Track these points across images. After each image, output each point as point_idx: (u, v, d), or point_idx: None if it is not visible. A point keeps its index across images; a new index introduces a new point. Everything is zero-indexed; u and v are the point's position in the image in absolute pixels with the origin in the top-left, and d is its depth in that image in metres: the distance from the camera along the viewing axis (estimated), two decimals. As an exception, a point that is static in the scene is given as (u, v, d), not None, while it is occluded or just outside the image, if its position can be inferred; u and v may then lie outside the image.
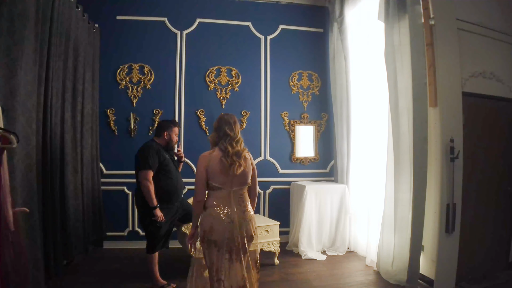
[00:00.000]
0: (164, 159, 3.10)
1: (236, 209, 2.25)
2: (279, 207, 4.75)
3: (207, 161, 2.23)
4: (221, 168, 2.20)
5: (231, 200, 2.24)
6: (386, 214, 3.50)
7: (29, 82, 2.65)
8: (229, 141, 2.23)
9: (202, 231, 2.24)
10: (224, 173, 2.20)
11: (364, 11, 4.19)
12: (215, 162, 2.20)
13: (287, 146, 4.92)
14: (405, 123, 3.33)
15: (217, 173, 2.21)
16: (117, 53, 4.51)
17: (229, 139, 2.23)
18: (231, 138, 2.24)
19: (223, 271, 2.20)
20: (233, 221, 2.22)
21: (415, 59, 3.20)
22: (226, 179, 2.22)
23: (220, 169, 2.20)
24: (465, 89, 3.28)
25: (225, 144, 2.22)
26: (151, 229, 3.09)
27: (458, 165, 3.11)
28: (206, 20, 4.75)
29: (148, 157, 3.00)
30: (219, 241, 2.21)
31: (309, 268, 3.81)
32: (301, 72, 4.99)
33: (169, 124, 3.24)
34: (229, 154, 2.19)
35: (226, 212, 2.22)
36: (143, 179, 3.00)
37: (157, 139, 3.22)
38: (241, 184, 2.28)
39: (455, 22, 3.27)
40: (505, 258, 3.74)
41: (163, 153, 3.13)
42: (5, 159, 2.06)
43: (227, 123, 2.28)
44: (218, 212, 2.21)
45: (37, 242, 2.66)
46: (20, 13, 2.51)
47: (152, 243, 3.12)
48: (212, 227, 2.21)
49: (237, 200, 2.27)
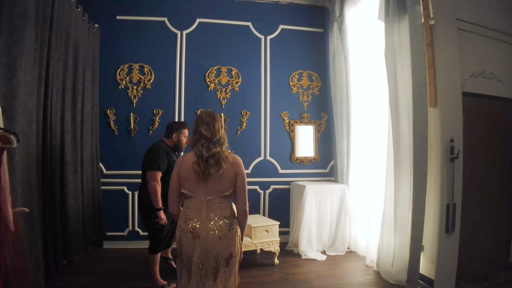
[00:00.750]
0: (173, 161, 3.07)
1: (207, 222, 1.92)
2: (279, 207, 4.76)
3: (179, 166, 1.99)
4: (193, 174, 1.94)
5: (202, 212, 1.93)
6: (386, 214, 3.50)
7: (29, 82, 2.64)
8: (205, 143, 1.96)
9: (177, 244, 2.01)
10: (196, 179, 1.94)
11: (364, 11, 4.20)
12: (187, 167, 1.96)
13: (287, 146, 4.92)
14: (405, 123, 3.33)
15: (189, 179, 1.95)
16: (117, 53, 4.51)
17: (205, 141, 1.96)
18: (207, 140, 1.96)
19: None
20: (199, 236, 1.91)
21: (415, 59, 3.19)
22: (198, 186, 1.95)
23: (192, 174, 1.94)
24: (465, 89, 3.28)
25: (200, 148, 1.95)
26: (154, 231, 3.08)
27: (458, 165, 3.11)
28: (206, 20, 4.75)
29: (158, 158, 2.97)
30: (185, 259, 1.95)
31: (309, 268, 3.81)
32: (301, 72, 4.99)
33: (179, 126, 3.23)
34: (203, 157, 1.92)
35: (194, 225, 1.92)
36: (151, 180, 2.96)
37: (166, 140, 3.21)
38: (218, 192, 1.96)
39: (455, 22, 3.27)
40: (505, 258, 3.74)
41: (172, 155, 3.12)
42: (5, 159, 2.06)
43: (203, 123, 2.00)
44: (186, 224, 1.95)
45: (37, 242, 2.65)
46: (20, 13, 2.50)
47: (154, 244, 3.12)
48: (181, 240, 1.96)
49: (212, 211, 1.94)
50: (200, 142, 1.97)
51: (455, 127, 3.16)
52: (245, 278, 3.47)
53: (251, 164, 4.78)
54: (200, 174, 1.92)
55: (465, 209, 3.17)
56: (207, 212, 1.94)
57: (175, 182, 2.00)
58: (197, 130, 2.01)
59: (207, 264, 1.92)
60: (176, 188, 2.00)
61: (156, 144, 3.14)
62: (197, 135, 2.00)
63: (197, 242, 1.92)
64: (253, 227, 3.78)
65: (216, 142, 1.98)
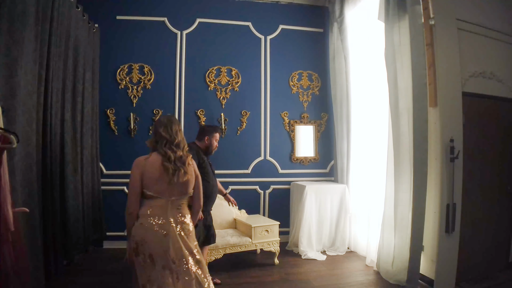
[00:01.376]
0: (203, 161, 3.07)
1: (173, 220, 2.02)
2: (279, 207, 4.75)
3: (142, 167, 2.01)
4: (160, 175, 1.99)
5: (167, 211, 2.02)
6: (386, 214, 3.50)
7: (29, 82, 2.64)
8: (168, 145, 2.04)
9: (134, 243, 1.99)
10: (163, 180, 2.00)
11: (364, 11, 4.20)
12: (153, 169, 2.00)
13: (287, 146, 4.92)
14: (405, 123, 3.33)
15: (155, 180, 2.00)
16: (117, 53, 4.51)
17: (167, 143, 2.04)
18: (168, 142, 2.05)
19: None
20: (168, 233, 1.99)
21: (415, 59, 3.20)
22: (164, 187, 2.01)
23: (159, 176, 1.99)
24: (465, 89, 3.28)
25: (164, 149, 2.02)
26: None
27: (458, 165, 3.11)
28: (206, 20, 4.75)
29: None
30: (155, 255, 1.97)
31: (309, 268, 3.81)
32: (301, 72, 4.99)
33: (212, 130, 3.25)
34: (170, 159, 2.00)
35: (161, 223, 1.99)
36: None
37: (198, 142, 3.23)
38: (182, 193, 2.07)
39: (455, 22, 3.27)
40: (505, 258, 3.74)
41: (203, 155, 3.12)
42: (5, 159, 2.06)
43: (161, 125, 2.09)
44: (151, 223, 1.98)
45: (37, 242, 2.66)
46: (20, 13, 2.51)
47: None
48: (144, 239, 1.97)
49: (175, 211, 2.05)
50: (161, 143, 2.06)
51: (455, 127, 3.16)
52: (245, 278, 3.47)
53: (251, 164, 4.78)
54: (170, 174, 2.00)
55: (465, 209, 3.17)
56: (171, 211, 2.04)
57: (137, 183, 2.01)
58: (156, 132, 2.10)
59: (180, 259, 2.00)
60: (137, 189, 2.02)
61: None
62: (157, 136, 2.09)
63: (164, 238, 1.98)
64: (253, 227, 3.78)
65: (177, 146, 2.07)
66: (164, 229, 1.99)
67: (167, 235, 1.99)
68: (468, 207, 3.22)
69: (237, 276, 3.47)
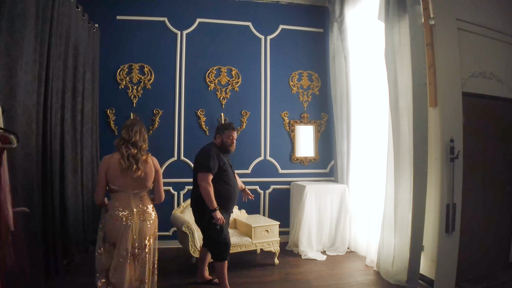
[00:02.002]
0: (223, 164, 3.06)
1: (136, 210, 2.34)
2: (279, 207, 4.75)
3: (107, 164, 2.33)
4: (120, 171, 2.29)
5: (130, 202, 2.33)
6: (386, 214, 3.50)
7: (29, 82, 2.65)
8: (125, 144, 2.33)
9: (103, 233, 2.36)
10: (123, 175, 2.30)
11: (364, 11, 4.19)
12: (115, 165, 2.30)
13: (287, 146, 4.92)
14: (405, 123, 3.33)
15: (116, 175, 2.30)
16: (117, 53, 4.51)
17: (125, 142, 2.33)
18: (126, 141, 2.33)
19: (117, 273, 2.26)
20: (132, 223, 2.30)
21: (415, 59, 3.19)
22: (126, 182, 2.32)
23: (120, 171, 2.29)
24: (465, 89, 3.28)
25: (122, 147, 2.32)
26: (212, 234, 3.01)
27: (458, 165, 3.11)
28: (206, 20, 4.75)
29: (209, 160, 2.97)
30: (117, 242, 2.28)
31: (309, 268, 3.81)
32: (301, 72, 4.99)
33: (222, 128, 3.23)
34: (124, 156, 2.29)
35: (127, 214, 2.30)
36: (202, 181, 2.94)
37: (214, 141, 3.22)
38: (141, 187, 2.37)
39: (455, 22, 3.27)
40: (505, 258, 3.74)
41: (223, 157, 3.11)
42: (5, 159, 2.06)
43: (124, 127, 2.40)
44: (118, 214, 2.30)
45: (37, 242, 2.66)
46: (20, 13, 2.51)
47: (218, 248, 3.04)
48: (112, 229, 2.30)
49: (137, 202, 2.36)
50: (121, 143, 2.35)
51: (455, 127, 3.16)
52: (245, 278, 3.47)
53: (251, 164, 4.78)
54: (124, 170, 2.28)
55: (465, 209, 3.17)
56: (135, 203, 2.35)
57: (103, 177, 2.33)
58: (122, 133, 2.40)
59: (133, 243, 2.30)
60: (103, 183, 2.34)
61: (206, 146, 3.16)
62: (121, 137, 2.39)
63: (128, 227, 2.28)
64: (253, 227, 3.78)
65: (133, 144, 2.33)
66: (129, 219, 2.30)
67: (131, 224, 2.29)
68: (468, 207, 3.21)
69: (237, 276, 3.47)
